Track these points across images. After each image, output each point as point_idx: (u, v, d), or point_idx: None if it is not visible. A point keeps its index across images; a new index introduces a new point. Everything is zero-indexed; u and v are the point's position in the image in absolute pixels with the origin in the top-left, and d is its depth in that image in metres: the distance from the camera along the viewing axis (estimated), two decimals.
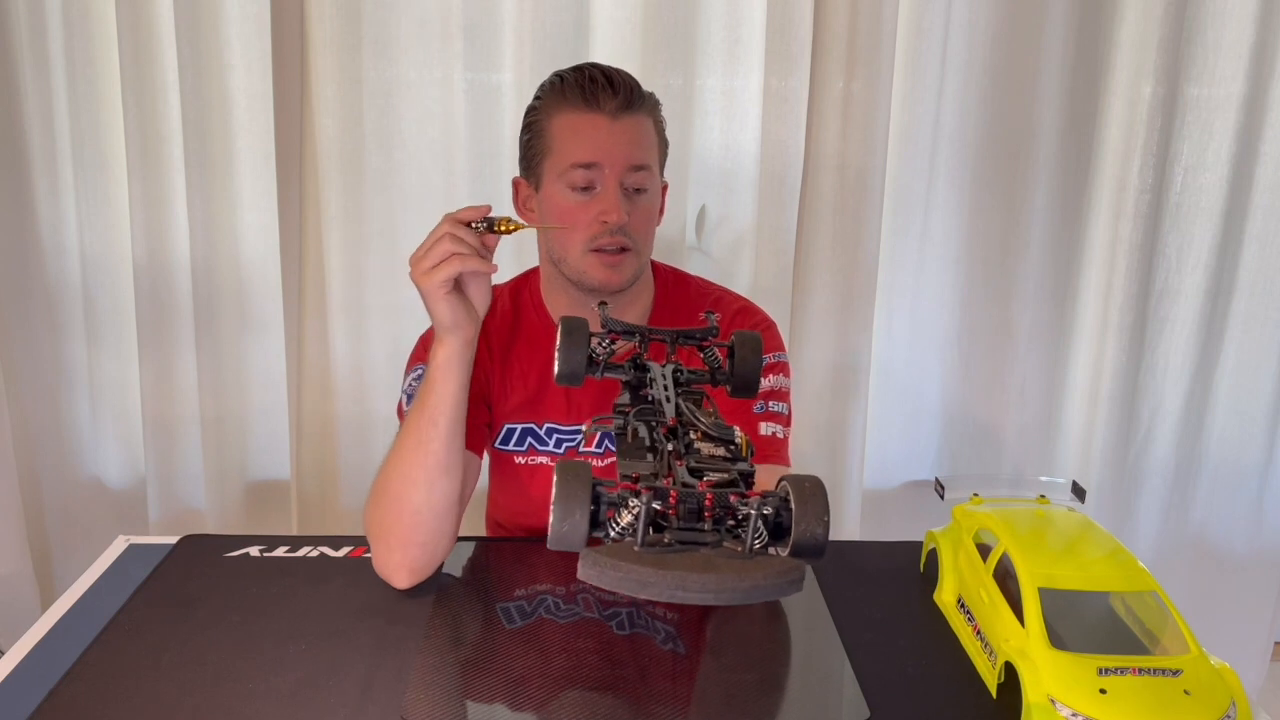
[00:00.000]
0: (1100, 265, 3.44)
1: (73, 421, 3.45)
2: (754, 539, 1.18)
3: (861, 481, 3.51)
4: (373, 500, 2.03)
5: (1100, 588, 1.77)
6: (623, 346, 1.66)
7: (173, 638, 1.86)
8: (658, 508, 1.17)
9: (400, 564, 2.01)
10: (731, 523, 1.20)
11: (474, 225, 1.94)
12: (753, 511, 1.17)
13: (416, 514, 1.99)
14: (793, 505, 1.21)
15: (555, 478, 1.19)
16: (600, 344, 1.60)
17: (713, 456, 1.31)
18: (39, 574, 3.49)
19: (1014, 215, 3.37)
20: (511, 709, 1.69)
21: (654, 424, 1.40)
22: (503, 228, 1.95)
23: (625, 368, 1.59)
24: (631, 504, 1.17)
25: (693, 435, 1.36)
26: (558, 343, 1.56)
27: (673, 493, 1.19)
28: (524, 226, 1.97)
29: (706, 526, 1.19)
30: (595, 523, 1.19)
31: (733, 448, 1.34)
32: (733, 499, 1.20)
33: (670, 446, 1.33)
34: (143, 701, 1.68)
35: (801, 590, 1.16)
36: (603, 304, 1.70)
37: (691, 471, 1.26)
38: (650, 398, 1.48)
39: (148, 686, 1.72)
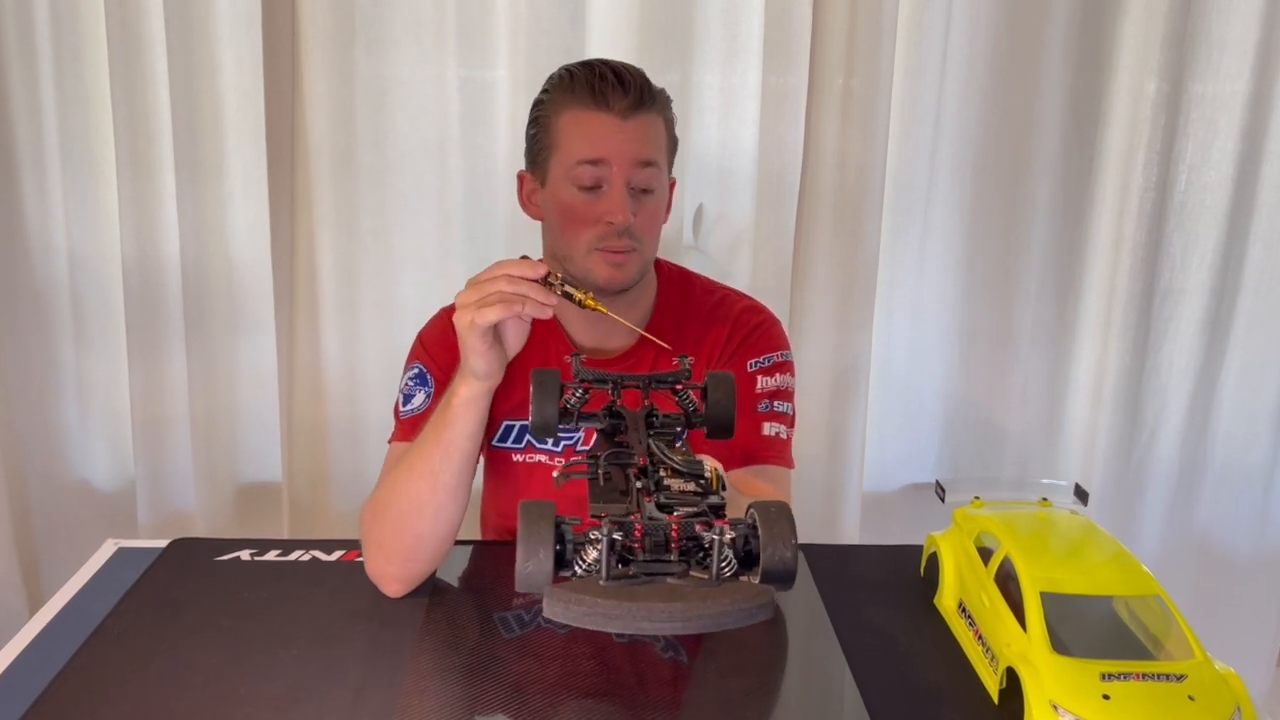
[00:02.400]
0: (1103, 264, 3.43)
1: (61, 423, 3.44)
2: (720, 566, 1.18)
3: (861, 484, 3.50)
4: (374, 512, 2.03)
5: (1103, 592, 1.77)
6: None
7: (162, 643, 1.87)
8: (619, 538, 1.17)
9: (397, 576, 2.03)
10: (700, 553, 1.20)
11: (551, 282, 1.87)
12: (717, 538, 1.17)
13: (420, 537, 2.01)
14: (759, 531, 1.21)
15: (519, 519, 1.20)
16: (573, 393, 1.61)
17: (683, 492, 1.31)
18: (26, 578, 3.48)
19: (1016, 214, 3.37)
20: (507, 717, 1.69)
21: (626, 466, 1.40)
22: (580, 298, 1.89)
23: (600, 416, 1.60)
24: (595, 537, 1.17)
25: (662, 472, 1.36)
26: (531, 395, 1.56)
27: (638, 525, 1.19)
28: (600, 309, 1.91)
29: (673, 557, 1.20)
30: (563, 562, 1.20)
31: (702, 482, 1.33)
32: (699, 528, 1.20)
33: (640, 484, 1.33)
34: (131, 707, 1.69)
35: (772, 616, 1.15)
36: (575, 354, 1.70)
37: (661, 507, 1.26)
38: (625, 444, 1.48)
39: (136, 692, 1.73)
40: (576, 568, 1.19)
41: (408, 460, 2.01)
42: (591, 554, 1.18)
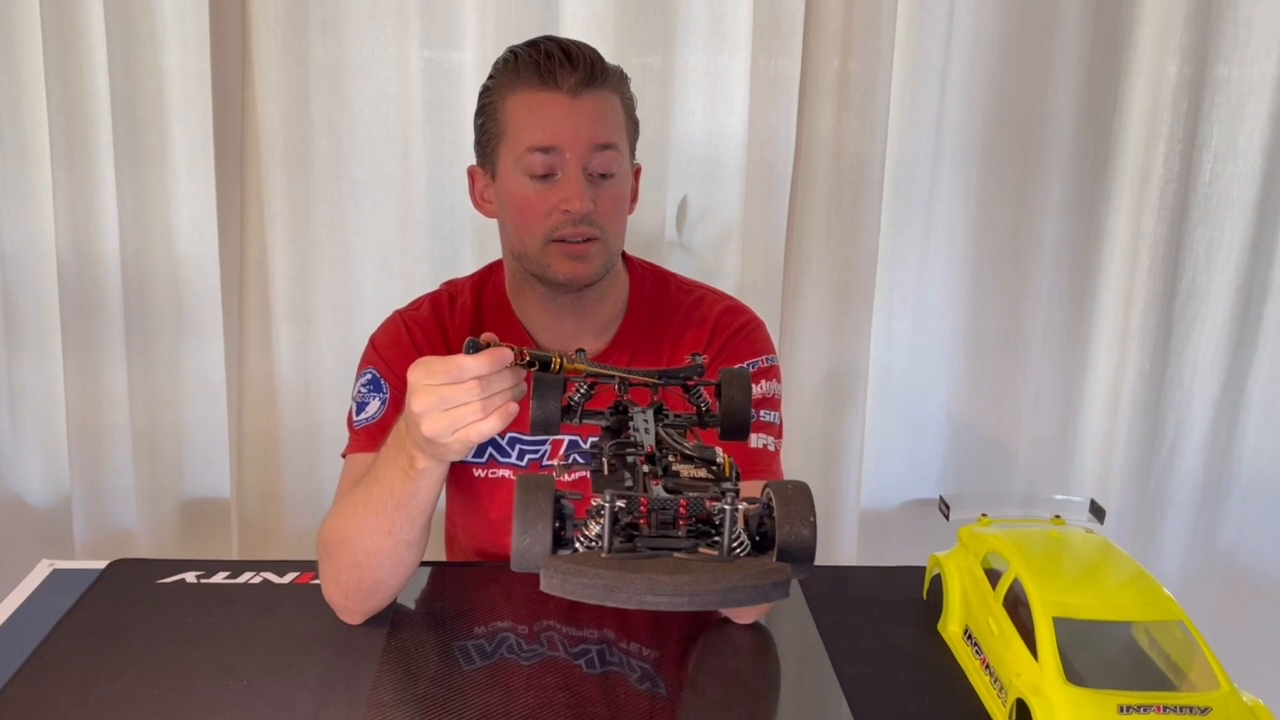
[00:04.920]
0: (1121, 262, 3.43)
1: None
2: (732, 541, 1.18)
3: (859, 500, 3.50)
4: (328, 549, 2.02)
5: (1121, 617, 1.77)
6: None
7: (101, 672, 1.86)
8: (622, 505, 1.17)
9: (355, 610, 2.04)
10: (711, 533, 1.20)
11: (523, 361, 1.67)
12: (728, 508, 1.17)
13: (379, 582, 2.01)
14: (775, 510, 1.21)
15: (516, 491, 1.20)
16: (578, 389, 1.61)
17: (693, 478, 1.31)
18: None
19: (1026, 207, 3.36)
20: None
21: (631, 456, 1.40)
22: (558, 364, 1.65)
23: (605, 414, 1.59)
24: (596, 505, 1.17)
25: (671, 458, 1.36)
26: (531, 390, 1.55)
27: (643, 500, 1.19)
28: (582, 367, 1.68)
29: (681, 533, 1.19)
30: (562, 540, 1.20)
31: (714, 468, 1.33)
32: (709, 503, 1.20)
33: (647, 469, 1.33)
34: None
35: (786, 595, 1.15)
36: (580, 351, 1.69)
37: (669, 491, 1.25)
38: (632, 440, 1.48)
39: None
40: (577, 545, 1.19)
41: (361, 513, 1.96)
42: (594, 528, 1.18)
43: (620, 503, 1.17)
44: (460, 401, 1.67)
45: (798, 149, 3.21)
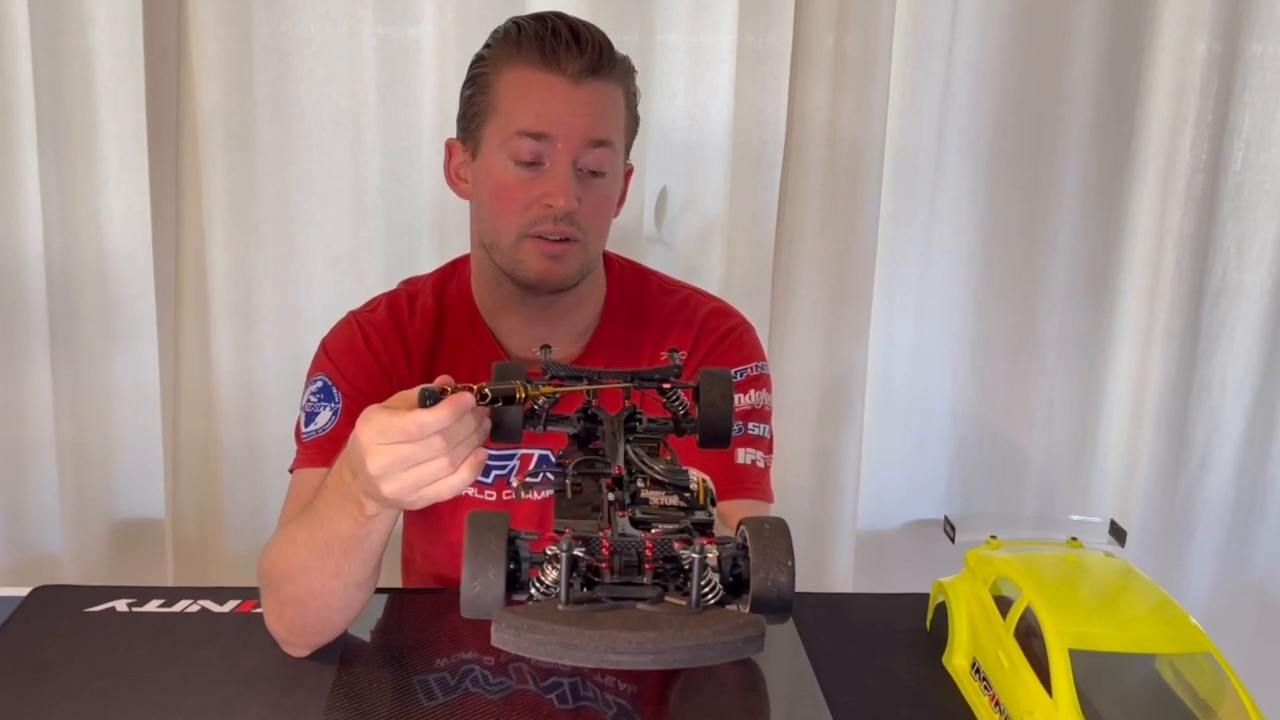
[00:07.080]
0: (1144, 259, 3.43)
1: None
2: (701, 590, 1.17)
3: (855, 521, 3.50)
4: (270, 585, 1.99)
5: (1144, 649, 1.77)
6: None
7: (23, 710, 1.86)
8: (580, 554, 1.17)
9: (299, 645, 2.02)
10: (679, 577, 1.20)
11: (484, 401, 1.60)
12: (697, 557, 1.16)
13: (325, 621, 1.99)
14: (750, 551, 1.21)
15: (466, 533, 1.19)
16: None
17: (663, 506, 1.30)
18: None
19: (1039, 198, 3.37)
20: None
21: (600, 476, 1.39)
22: (523, 395, 1.58)
23: (572, 419, 1.59)
24: (553, 553, 1.17)
25: (640, 483, 1.36)
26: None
27: (605, 541, 1.19)
28: (546, 391, 1.62)
29: (647, 580, 1.19)
30: (517, 584, 1.19)
31: (687, 495, 1.33)
32: (677, 546, 1.20)
33: (612, 497, 1.33)
34: None
35: (761, 650, 1.14)
36: (545, 347, 1.68)
37: (636, 524, 1.25)
38: (600, 451, 1.47)
39: None
40: (533, 590, 1.19)
41: (305, 552, 1.92)
42: (551, 574, 1.17)
43: (579, 550, 1.16)
44: (423, 459, 1.61)
45: (789, 134, 3.21)
